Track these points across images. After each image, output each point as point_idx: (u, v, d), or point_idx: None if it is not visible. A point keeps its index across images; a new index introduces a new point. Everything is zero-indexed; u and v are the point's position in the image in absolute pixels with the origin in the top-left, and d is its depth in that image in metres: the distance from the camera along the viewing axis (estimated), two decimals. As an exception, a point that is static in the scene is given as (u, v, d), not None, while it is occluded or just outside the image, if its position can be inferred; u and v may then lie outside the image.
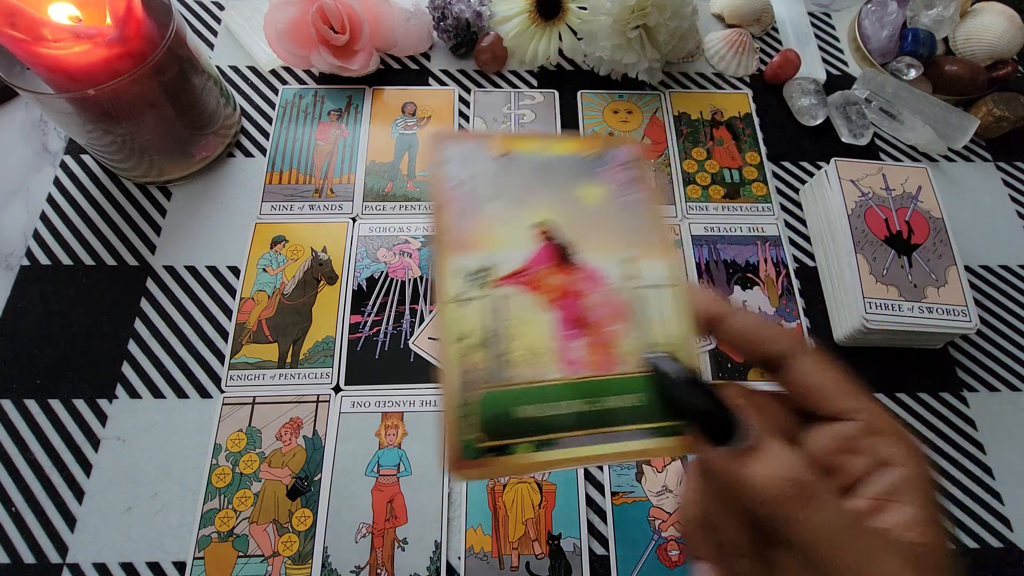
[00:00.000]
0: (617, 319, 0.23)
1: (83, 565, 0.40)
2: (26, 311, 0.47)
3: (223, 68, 0.59)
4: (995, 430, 0.46)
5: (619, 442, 0.21)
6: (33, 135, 0.55)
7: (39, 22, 0.40)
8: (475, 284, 0.23)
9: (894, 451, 0.21)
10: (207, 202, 0.52)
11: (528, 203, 0.25)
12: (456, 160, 0.25)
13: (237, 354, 0.46)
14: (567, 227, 0.25)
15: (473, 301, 0.23)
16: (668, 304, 0.24)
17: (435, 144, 0.26)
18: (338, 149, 0.55)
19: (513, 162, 0.26)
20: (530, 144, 0.27)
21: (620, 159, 0.27)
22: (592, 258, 0.24)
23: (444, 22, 0.59)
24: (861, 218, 0.48)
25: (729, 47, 0.61)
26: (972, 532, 0.43)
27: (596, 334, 0.23)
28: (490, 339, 0.22)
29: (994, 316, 0.51)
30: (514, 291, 0.23)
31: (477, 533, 0.41)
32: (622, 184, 0.26)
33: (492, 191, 0.25)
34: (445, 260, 0.23)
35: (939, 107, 0.57)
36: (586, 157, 0.27)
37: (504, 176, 0.25)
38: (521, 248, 0.24)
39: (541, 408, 0.21)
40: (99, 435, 0.43)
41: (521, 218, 0.25)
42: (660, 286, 0.24)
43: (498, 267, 0.24)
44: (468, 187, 0.25)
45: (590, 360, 0.22)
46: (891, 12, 0.61)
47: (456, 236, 0.24)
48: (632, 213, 0.26)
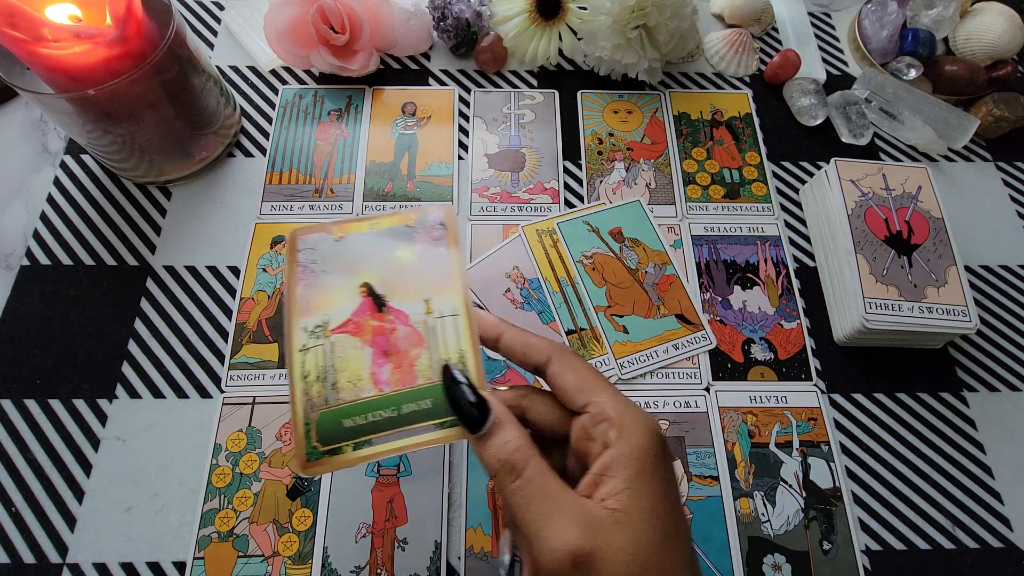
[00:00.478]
0: (418, 345, 0.32)
1: (83, 565, 0.40)
2: (26, 311, 0.47)
3: (223, 68, 0.59)
4: (995, 430, 0.46)
5: (414, 436, 0.29)
6: (33, 135, 0.55)
7: (39, 22, 0.40)
8: (315, 336, 0.32)
9: (612, 434, 0.27)
10: (207, 202, 0.52)
11: (357, 270, 0.33)
12: (306, 248, 0.34)
13: (237, 354, 0.46)
14: (384, 283, 0.33)
15: (313, 348, 0.31)
16: (458, 328, 0.32)
17: (292, 239, 0.34)
18: (338, 149, 0.55)
19: (348, 241, 0.34)
20: (362, 225, 0.35)
21: (432, 222, 0.35)
22: (399, 303, 0.33)
23: (444, 22, 0.59)
24: (861, 218, 0.48)
25: (729, 47, 0.61)
26: (972, 532, 0.43)
27: (400, 359, 0.31)
28: (325, 375, 0.31)
29: (994, 316, 0.51)
30: (342, 337, 0.32)
31: (477, 533, 0.41)
32: (430, 242, 0.34)
33: (330, 266, 0.34)
34: (294, 322, 0.32)
35: (939, 107, 0.57)
36: (409, 225, 0.35)
37: (340, 254, 0.34)
38: (349, 304, 0.33)
39: (358, 419, 0.29)
40: (99, 435, 0.43)
41: (350, 283, 0.33)
42: (452, 315, 0.32)
43: (331, 321, 0.32)
44: (312, 267, 0.33)
45: (394, 379, 0.30)
46: (891, 12, 0.61)
47: (301, 305, 0.32)
48: (437, 263, 0.34)
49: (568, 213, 0.53)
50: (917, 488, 0.44)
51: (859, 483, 0.44)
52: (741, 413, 0.45)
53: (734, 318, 0.49)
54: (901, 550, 0.42)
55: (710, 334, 0.48)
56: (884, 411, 0.46)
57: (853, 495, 0.44)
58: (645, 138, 0.57)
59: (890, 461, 0.45)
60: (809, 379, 0.47)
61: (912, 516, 0.43)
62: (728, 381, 0.47)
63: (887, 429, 0.46)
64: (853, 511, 0.43)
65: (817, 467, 0.44)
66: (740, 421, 0.45)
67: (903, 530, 0.43)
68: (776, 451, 0.44)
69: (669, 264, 0.51)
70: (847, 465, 0.44)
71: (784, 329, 0.49)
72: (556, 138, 0.57)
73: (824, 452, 0.44)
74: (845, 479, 0.44)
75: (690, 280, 0.50)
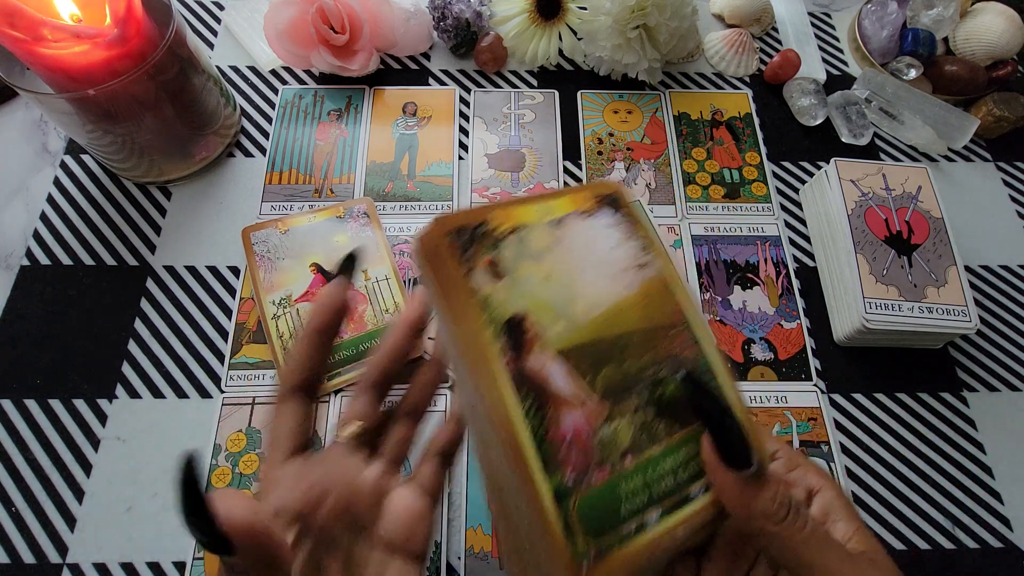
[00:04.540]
0: (363, 303, 0.47)
1: (83, 565, 0.40)
2: (26, 311, 0.47)
3: (223, 68, 0.59)
4: (995, 430, 0.46)
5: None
6: (33, 135, 0.55)
7: (39, 22, 0.40)
8: (282, 306, 0.46)
9: (814, 478, 0.25)
10: (207, 202, 0.52)
11: (305, 254, 0.48)
12: (260, 242, 0.49)
13: (237, 354, 0.46)
14: (329, 261, 0.48)
15: (283, 315, 0.46)
16: (391, 289, 0.47)
17: (244, 235, 0.48)
18: (338, 149, 0.55)
19: (292, 233, 0.49)
20: (302, 219, 0.50)
21: (358, 212, 0.50)
22: None
23: (444, 22, 0.59)
24: (861, 218, 0.48)
25: (729, 47, 0.61)
26: (972, 532, 0.43)
27: (352, 314, 0.45)
28: (296, 332, 0.44)
29: (994, 316, 0.51)
30: (304, 304, 0.46)
31: (477, 533, 0.41)
32: (359, 227, 0.50)
33: (282, 254, 0.48)
34: (263, 297, 0.46)
35: (939, 107, 0.57)
36: (339, 216, 0.50)
37: (288, 243, 0.49)
38: (304, 280, 0.47)
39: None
40: (99, 435, 0.43)
41: (302, 264, 0.48)
42: (384, 279, 0.48)
43: (293, 294, 0.47)
44: (268, 255, 0.48)
45: (350, 328, 0.46)
46: (891, 12, 0.61)
47: (266, 284, 0.47)
48: (367, 242, 0.49)
49: (568, 213, 0.53)
50: (917, 488, 0.44)
51: (859, 483, 0.44)
52: (741, 413, 0.45)
53: (734, 318, 0.49)
54: (901, 550, 0.42)
55: (710, 334, 0.48)
56: (884, 411, 0.46)
57: (853, 495, 0.44)
58: (645, 138, 0.57)
59: (890, 461, 0.45)
60: (809, 379, 0.47)
61: (912, 516, 0.43)
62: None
63: (887, 429, 0.46)
64: (853, 511, 0.43)
65: (817, 467, 0.44)
66: (740, 421, 0.45)
67: (903, 530, 0.43)
68: (776, 451, 0.44)
69: (669, 264, 0.51)
70: (847, 465, 0.44)
71: (784, 329, 0.49)
72: (556, 138, 0.57)
73: (824, 452, 0.44)
74: (845, 479, 0.44)
75: (690, 280, 0.50)
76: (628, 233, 0.25)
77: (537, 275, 0.23)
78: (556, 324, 0.22)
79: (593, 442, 0.21)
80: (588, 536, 0.20)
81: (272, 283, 0.47)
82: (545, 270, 0.23)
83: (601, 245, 0.24)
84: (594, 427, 0.21)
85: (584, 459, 0.20)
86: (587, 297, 0.23)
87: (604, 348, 0.22)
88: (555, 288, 0.23)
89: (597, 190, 0.26)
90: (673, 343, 0.23)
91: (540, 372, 0.21)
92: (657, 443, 0.21)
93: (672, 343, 0.23)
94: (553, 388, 0.21)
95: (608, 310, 0.23)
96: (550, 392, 0.21)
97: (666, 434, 0.22)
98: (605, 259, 0.24)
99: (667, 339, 0.23)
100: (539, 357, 0.21)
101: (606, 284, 0.23)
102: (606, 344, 0.22)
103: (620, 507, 0.20)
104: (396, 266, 0.48)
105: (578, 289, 0.23)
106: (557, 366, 0.21)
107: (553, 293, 0.22)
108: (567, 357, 0.21)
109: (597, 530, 0.20)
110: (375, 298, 0.47)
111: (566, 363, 0.21)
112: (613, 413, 0.21)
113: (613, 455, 0.21)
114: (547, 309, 0.22)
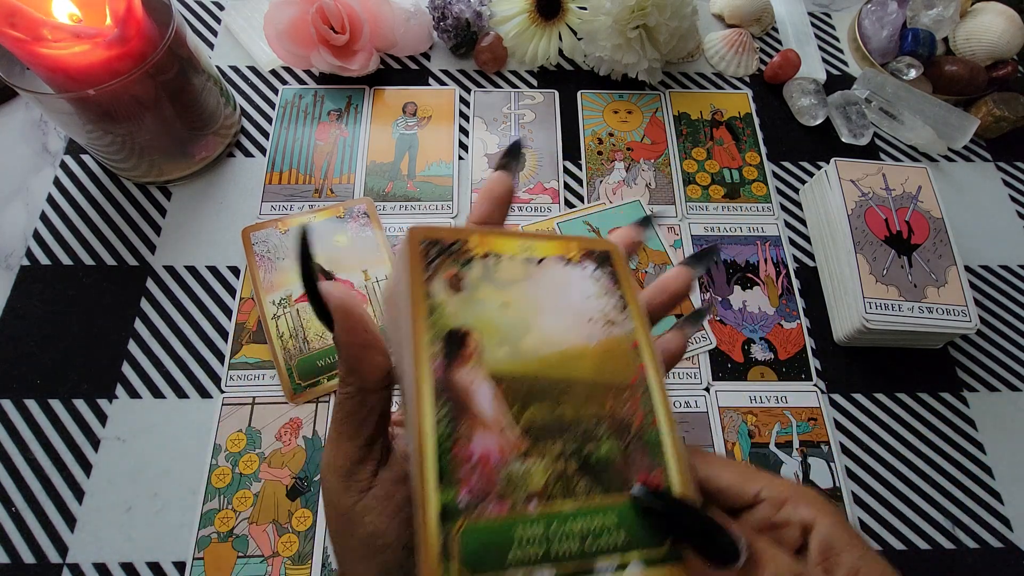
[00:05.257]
0: (363, 303, 0.45)
1: (83, 565, 0.40)
2: (26, 311, 0.47)
3: (223, 68, 0.59)
4: (995, 430, 0.46)
5: None
6: (33, 135, 0.55)
7: (39, 22, 0.40)
8: (282, 306, 0.46)
9: (805, 511, 0.22)
10: (207, 202, 0.52)
11: None
12: (260, 242, 0.49)
13: (237, 354, 0.46)
14: (329, 261, 0.48)
15: (283, 315, 0.46)
16: None
17: (244, 235, 0.49)
18: (338, 149, 0.55)
19: (292, 233, 0.49)
20: (302, 219, 0.50)
21: (358, 212, 0.50)
22: (344, 275, 0.47)
23: (444, 22, 0.59)
24: (861, 218, 0.48)
25: (729, 47, 0.61)
26: (972, 532, 0.43)
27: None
28: (296, 332, 0.45)
29: (994, 316, 0.51)
30: (304, 304, 0.46)
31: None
32: (359, 227, 0.50)
33: (282, 254, 0.48)
34: (263, 297, 0.47)
35: (939, 107, 0.57)
36: (339, 216, 0.50)
37: (288, 243, 0.48)
38: None
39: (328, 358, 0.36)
40: (99, 435, 0.43)
41: None
42: (384, 279, 0.47)
43: (293, 294, 0.47)
44: (268, 255, 0.48)
45: None
46: (891, 12, 0.61)
47: (266, 284, 0.47)
48: (367, 242, 0.49)
49: (568, 213, 0.53)
50: (917, 488, 0.44)
51: (859, 483, 0.44)
52: (741, 413, 0.45)
53: (734, 318, 0.49)
54: (901, 550, 0.42)
55: (710, 334, 0.48)
56: (884, 411, 0.46)
57: (853, 495, 0.44)
58: (645, 138, 0.57)
59: (890, 461, 0.45)
60: (809, 379, 0.47)
61: (912, 516, 0.43)
62: (728, 381, 0.47)
63: (887, 429, 0.46)
64: (853, 511, 0.43)
65: (817, 467, 0.44)
66: (740, 421, 0.45)
67: (903, 530, 0.43)
68: (776, 451, 0.44)
69: (669, 264, 0.51)
70: (847, 465, 0.44)
71: (784, 329, 0.49)
72: (556, 138, 0.57)
73: (824, 452, 0.44)
74: (845, 479, 0.44)
75: (690, 280, 0.50)
76: (606, 289, 0.24)
77: (496, 300, 0.22)
78: (499, 349, 0.21)
79: (500, 473, 0.19)
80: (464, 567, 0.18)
81: (272, 283, 0.47)
82: (506, 298, 0.22)
83: (573, 293, 0.24)
84: (505, 458, 0.20)
85: (484, 486, 0.19)
86: (541, 334, 0.22)
87: (542, 386, 0.21)
88: (510, 317, 0.22)
89: (590, 244, 0.25)
90: (623, 405, 0.22)
91: (465, 387, 0.20)
92: (571, 499, 0.20)
93: (621, 405, 0.22)
94: (474, 406, 0.20)
95: (560, 352, 0.22)
96: (470, 409, 0.20)
97: (584, 494, 0.20)
98: (572, 306, 0.23)
99: (617, 399, 0.22)
100: (469, 372, 0.20)
101: (566, 328, 0.23)
102: (546, 383, 0.21)
103: (509, 551, 0.19)
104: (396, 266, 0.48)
105: (534, 324, 0.22)
106: (485, 387, 0.20)
107: (506, 320, 0.22)
108: (499, 382, 0.21)
109: (476, 565, 0.18)
110: (376, 298, 0.47)
111: (495, 387, 0.20)
112: (531, 451, 0.20)
113: (518, 494, 0.20)
114: (494, 332, 0.21)
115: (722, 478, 0.23)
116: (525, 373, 0.21)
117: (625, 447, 0.21)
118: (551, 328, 0.22)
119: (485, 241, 0.23)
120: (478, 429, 0.20)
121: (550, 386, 0.21)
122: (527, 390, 0.21)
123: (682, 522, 0.20)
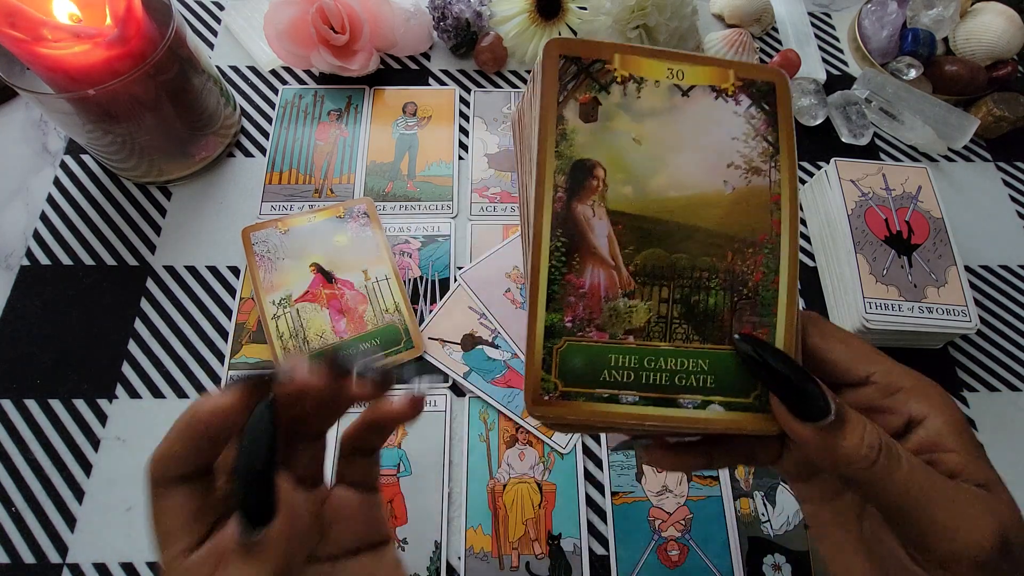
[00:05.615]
0: (363, 303, 0.46)
1: (83, 565, 0.40)
2: (26, 311, 0.47)
3: (223, 68, 0.59)
4: (995, 430, 0.46)
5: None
6: (33, 135, 0.55)
7: (39, 22, 0.40)
8: (282, 306, 0.46)
9: (916, 405, 0.22)
10: (207, 202, 0.52)
11: (305, 254, 0.47)
12: (260, 242, 0.48)
13: (237, 354, 0.46)
14: (329, 261, 0.47)
15: (283, 315, 0.45)
16: (391, 288, 0.46)
17: (244, 235, 0.48)
18: (338, 149, 0.55)
19: (292, 233, 0.48)
20: (302, 219, 0.49)
21: (358, 212, 0.50)
22: (344, 275, 0.47)
23: (444, 22, 0.59)
24: (861, 218, 0.48)
25: (729, 47, 0.61)
26: (972, 532, 0.43)
27: (352, 314, 0.45)
28: (296, 332, 0.45)
29: (994, 316, 0.51)
30: (304, 304, 0.46)
31: (477, 533, 0.41)
32: (359, 227, 0.49)
33: (282, 254, 0.48)
34: (263, 297, 0.46)
35: (939, 107, 0.57)
36: (339, 216, 0.49)
37: (288, 243, 0.48)
38: (304, 280, 0.46)
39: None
40: (99, 435, 0.43)
41: (302, 264, 0.47)
42: (384, 279, 0.47)
43: (293, 294, 0.46)
44: (268, 255, 0.47)
45: (350, 329, 0.45)
46: (891, 12, 0.61)
47: (266, 284, 0.47)
48: (367, 242, 0.49)
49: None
50: (917, 488, 0.44)
51: (859, 483, 0.44)
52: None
53: (734, 318, 0.49)
54: (901, 550, 0.42)
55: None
56: (884, 411, 0.46)
57: (853, 495, 0.44)
58: (645, 138, 0.57)
59: (890, 461, 0.45)
60: (809, 379, 0.47)
61: (912, 516, 0.43)
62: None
63: (887, 429, 0.46)
64: (853, 511, 0.43)
65: (817, 467, 0.44)
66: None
67: (903, 530, 0.43)
68: (776, 451, 0.44)
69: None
70: (847, 465, 0.44)
71: (784, 329, 0.49)
72: (556, 138, 0.57)
73: (824, 452, 0.44)
74: (845, 479, 0.44)
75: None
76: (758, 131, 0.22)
77: (630, 133, 0.21)
78: (624, 187, 0.21)
79: (605, 306, 0.21)
80: (560, 379, 0.20)
81: (272, 283, 0.47)
82: (641, 132, 0.21)
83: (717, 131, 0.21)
84: (613, 294, 0.21)
85: (588, 314, 0.20)
86: (672, 176, 0.21)
87: (662, 230, 0.21)
88: (642, 153, 0.21)
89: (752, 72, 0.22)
90: (744, 261, 0.21)
91: (583, 222, 0.21)
92: (668, 340, 0.21)
93: (743, 260, 0.21)
94: (589, 242, 0.21)
95: (688, 197, 0.21)
96: (585, 244, 0.20)
97: (683, 339, 0.21)
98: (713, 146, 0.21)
99: (739, 254, 0.21)
100: (589, 209, 0.21)
101: (702, 172, 0.21)
102: (666, 227, 0.21)
103: (602, 372, 0.20)
104: (396, 266, 0.48)
105: (667, 164, 0.21)
106: (603, 224, 0.21)
107: (637, 157, 0.21)
108: (616, 222, 0.21)
109: (571, 378, 0.20)
110: (375, 298, 0.47)
111: (613, 227, 0.21)
112: (639, 292, 0.21)
113: (618, 327, 0.21)
114: (622, 169, 0.21)
115: (835, 351, 0.23)
116: (646, 214, 0.21)
117: (735, 303, 0.21)
118: (685, 170, 0.21)
119: (629, 61, 0.21)
120: (590, 263, 0.20)
121: (669, 231, 0.21)
122: (645, 233, 0.21)
123: (776, 371, 0.20)
